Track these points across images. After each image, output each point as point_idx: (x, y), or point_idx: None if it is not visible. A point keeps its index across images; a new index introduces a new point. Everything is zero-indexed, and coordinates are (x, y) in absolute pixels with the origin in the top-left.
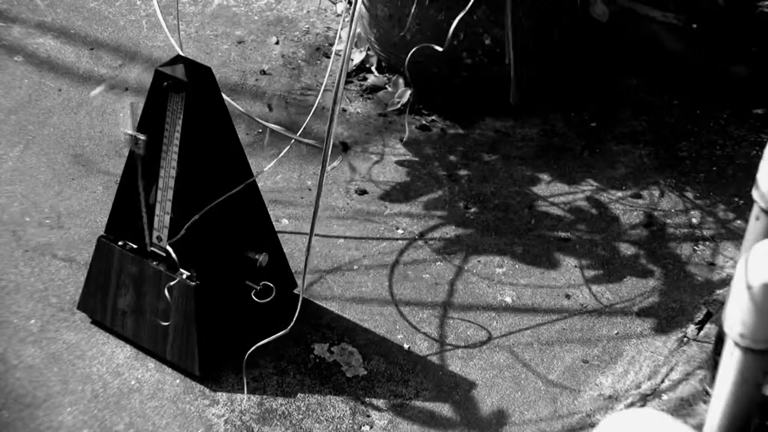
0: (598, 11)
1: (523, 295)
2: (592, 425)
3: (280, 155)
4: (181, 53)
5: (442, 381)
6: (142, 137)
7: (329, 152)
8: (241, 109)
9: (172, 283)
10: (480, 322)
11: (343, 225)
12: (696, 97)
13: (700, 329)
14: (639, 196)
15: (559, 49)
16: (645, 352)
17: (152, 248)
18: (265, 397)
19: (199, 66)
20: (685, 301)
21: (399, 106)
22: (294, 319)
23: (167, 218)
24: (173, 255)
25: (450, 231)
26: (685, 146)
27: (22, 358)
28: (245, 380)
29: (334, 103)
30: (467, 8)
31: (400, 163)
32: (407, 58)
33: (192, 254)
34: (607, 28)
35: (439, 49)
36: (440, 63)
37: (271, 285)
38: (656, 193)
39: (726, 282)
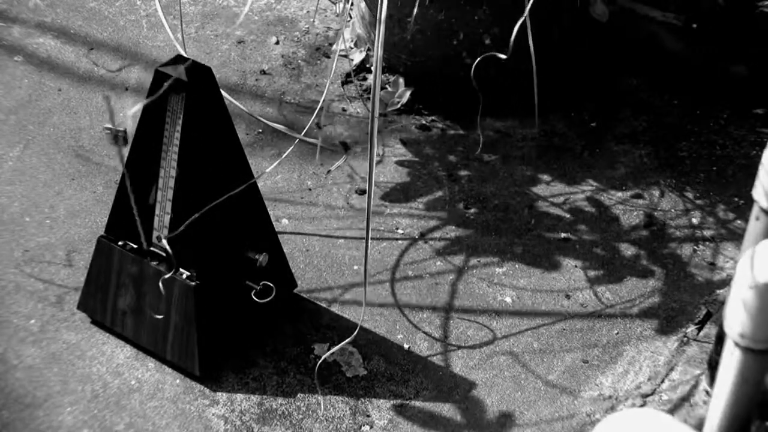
0: (598, 11)
1: (523, 295)
2: (592, 425)
3: (283, 156)
4: (183, 53)
5: (442, 381)
6: (121, 129)
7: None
8: (242, 107)
9: (166, 276)
10: (480, 322)
11: (343, 225)
12: (696, 97)
13: (700, 329)
14: (639, 196)
15: (559, 49)
16: (645, 352)
17: (152, 248)
18: (265, 397)
19: (199, 66)
20: (686, 301)
21: (399, 106)
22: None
23: (167, 218)
24: (168, 249)
25: (450, 231)
26: (685, 146)
27: (22, 358)
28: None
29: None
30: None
31: (400, 163)
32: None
33: (192, 254)
34: (607, 28)
35: (497, 56)
36: (441, 63)
37: (271, 285)
38: (656, 193)
39: (726, 282)
